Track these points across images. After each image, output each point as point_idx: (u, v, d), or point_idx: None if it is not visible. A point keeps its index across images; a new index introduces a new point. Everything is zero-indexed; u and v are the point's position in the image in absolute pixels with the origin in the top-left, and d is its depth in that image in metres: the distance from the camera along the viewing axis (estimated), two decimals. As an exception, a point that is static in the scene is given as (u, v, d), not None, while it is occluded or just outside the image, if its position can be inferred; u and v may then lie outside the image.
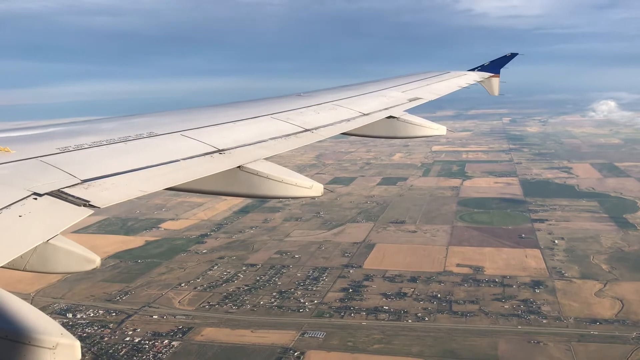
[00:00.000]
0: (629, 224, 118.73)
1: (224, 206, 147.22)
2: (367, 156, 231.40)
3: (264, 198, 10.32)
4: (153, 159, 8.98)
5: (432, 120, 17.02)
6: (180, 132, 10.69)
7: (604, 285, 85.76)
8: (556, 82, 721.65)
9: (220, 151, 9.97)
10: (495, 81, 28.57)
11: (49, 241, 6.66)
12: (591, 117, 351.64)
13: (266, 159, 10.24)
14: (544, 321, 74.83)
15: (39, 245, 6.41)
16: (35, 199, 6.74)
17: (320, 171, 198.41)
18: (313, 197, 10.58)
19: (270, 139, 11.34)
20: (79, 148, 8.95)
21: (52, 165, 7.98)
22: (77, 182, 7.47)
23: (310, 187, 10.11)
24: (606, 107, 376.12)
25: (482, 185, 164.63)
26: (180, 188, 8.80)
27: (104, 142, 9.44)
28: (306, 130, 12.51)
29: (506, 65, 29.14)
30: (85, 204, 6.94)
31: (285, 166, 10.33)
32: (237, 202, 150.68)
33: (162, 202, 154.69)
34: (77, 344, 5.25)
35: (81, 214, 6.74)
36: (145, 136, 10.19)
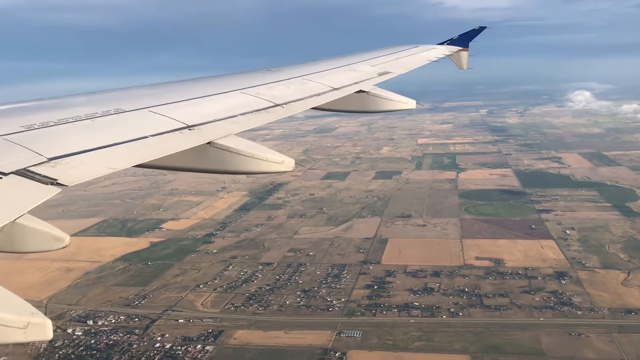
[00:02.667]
0: (634, 212, 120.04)
1: (223, 204, 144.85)
2: (355, 150, 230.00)
3: (235, 174, 10.19)
4: (121, 136, 8.91)
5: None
6: (148, 108, 10.52)
7: (628, 275, 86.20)
8: (526, 74, 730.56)
9: (189, 127, 9.90)
10: (464, 55, 28.41)
11: (16, 220, 6.48)
12: (570, 107, 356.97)
13: (236, 134, 10.22)
14: (579, 312, 74.75)
15: (6, 224, 6.30)
16: (0, 178, 6.72)
17: (312, 166, 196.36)
18: (284, 172, 10.52)
19: (240, 115, 11.28)
20: (44, 125, 8.80)
21: (16, 143, 7.84)
22: (43, 161, 7.41)
23: (282, 162, 10.05)
24: (582, 98, 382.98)
25: (478, 177, 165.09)
26: (150, 165, 8.77)
27: (70, 120, 9.24)
28: (277, 105, 12.44)
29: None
30: (53, 182, 6.90)
31: None
32: (236, 200, 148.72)
33: (158, 202, 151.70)
34: (49, 322, 5.34)
35: (49, 193, 6.70)
36: (112, 113, 10.03)
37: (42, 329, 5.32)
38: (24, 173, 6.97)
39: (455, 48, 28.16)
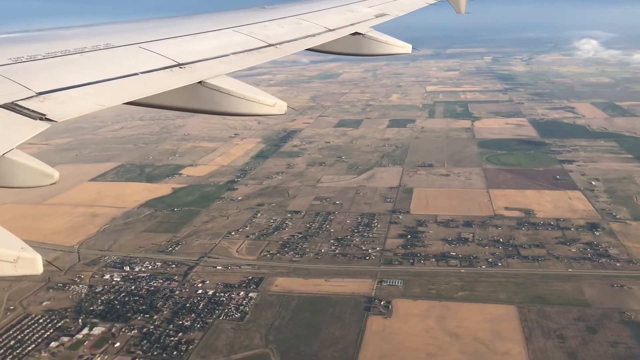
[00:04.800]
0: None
1: (239, 151, 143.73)
2: (364, 97, 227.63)
3: (226, 115, 10.01)
4: (111, 72, 8.77)
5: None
6: (139, 44, 10.32)
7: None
8: (528, 20, 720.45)
9: (180, 65, 9.73)
10: None
11: (5, 155, 6.40)
12: (579, 55, 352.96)
13: (228, 74, 10.08)
14: (617, 264, 74.99)
15: None
16: None
17: (322, 114, 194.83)
18: (275, 115, 10.28)
19: (232, 54, 11.05)
20: (32, 59, 8.54)
21: (3, 76, 7.61)
22: (31, 95, 7.26)
23: (274, 105, 9.89)
24: (590, 46, 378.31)
25: (494, 127, 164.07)
26: (140, 103, 8.69)
27: (59, 53, 9.01)
28: (270, 45, 12.17)
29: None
30: (42, 117, 6.84)
31: None
32: (252, 147, 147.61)
33: (172, 147, 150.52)
34: (39, 257, 5.44)
35: (37, 128, 6.67)
36: (102, 48, 9.78)
37: (32, 264, 5.40)
38: (12, 107, 6.84)
39: None
